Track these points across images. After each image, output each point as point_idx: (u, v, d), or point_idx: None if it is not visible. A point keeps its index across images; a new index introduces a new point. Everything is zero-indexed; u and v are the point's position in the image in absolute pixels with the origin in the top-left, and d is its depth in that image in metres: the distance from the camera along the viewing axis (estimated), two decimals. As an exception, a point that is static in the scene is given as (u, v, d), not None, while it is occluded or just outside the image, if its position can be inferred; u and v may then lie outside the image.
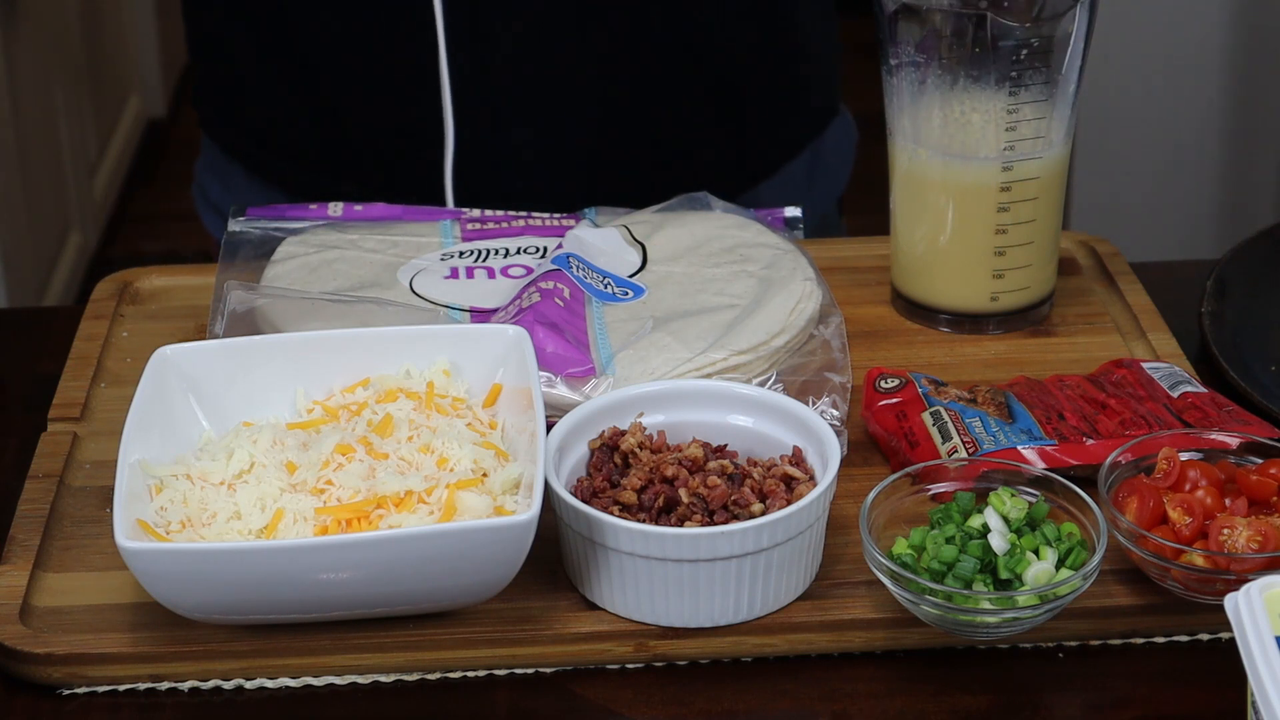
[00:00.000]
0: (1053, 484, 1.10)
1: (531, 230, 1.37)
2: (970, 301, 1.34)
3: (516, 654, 1.07)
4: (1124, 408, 1.20)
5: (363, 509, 1.07)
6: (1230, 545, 1.06)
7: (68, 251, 3.40)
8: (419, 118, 1.50)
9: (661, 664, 1.08)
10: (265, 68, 1.55)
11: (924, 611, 1.05)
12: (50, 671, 1.07)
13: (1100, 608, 1.09)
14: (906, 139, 1.31)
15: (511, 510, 1.07)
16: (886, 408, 1.22)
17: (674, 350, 1.23)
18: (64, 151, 3.39)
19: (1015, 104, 1.27)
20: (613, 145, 1.53)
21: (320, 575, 1.03)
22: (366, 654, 1.07)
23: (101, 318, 1.36)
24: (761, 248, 1.35)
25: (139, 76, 4.01)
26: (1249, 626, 0.93)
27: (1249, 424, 1.19)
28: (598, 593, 1.08)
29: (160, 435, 1.12)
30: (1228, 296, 1.36)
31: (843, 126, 1.66)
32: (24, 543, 1.14)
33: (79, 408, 1.26)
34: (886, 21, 1.28)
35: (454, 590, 1.06)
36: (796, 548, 1.07)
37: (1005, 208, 1.31)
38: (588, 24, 1.49)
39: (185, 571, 1.02)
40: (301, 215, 1.40)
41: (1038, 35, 1.26)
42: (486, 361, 1.18)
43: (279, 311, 1.27)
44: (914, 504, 1.12)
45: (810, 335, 1.28)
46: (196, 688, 1.07)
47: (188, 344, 1.17)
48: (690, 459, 1.11)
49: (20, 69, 3.11)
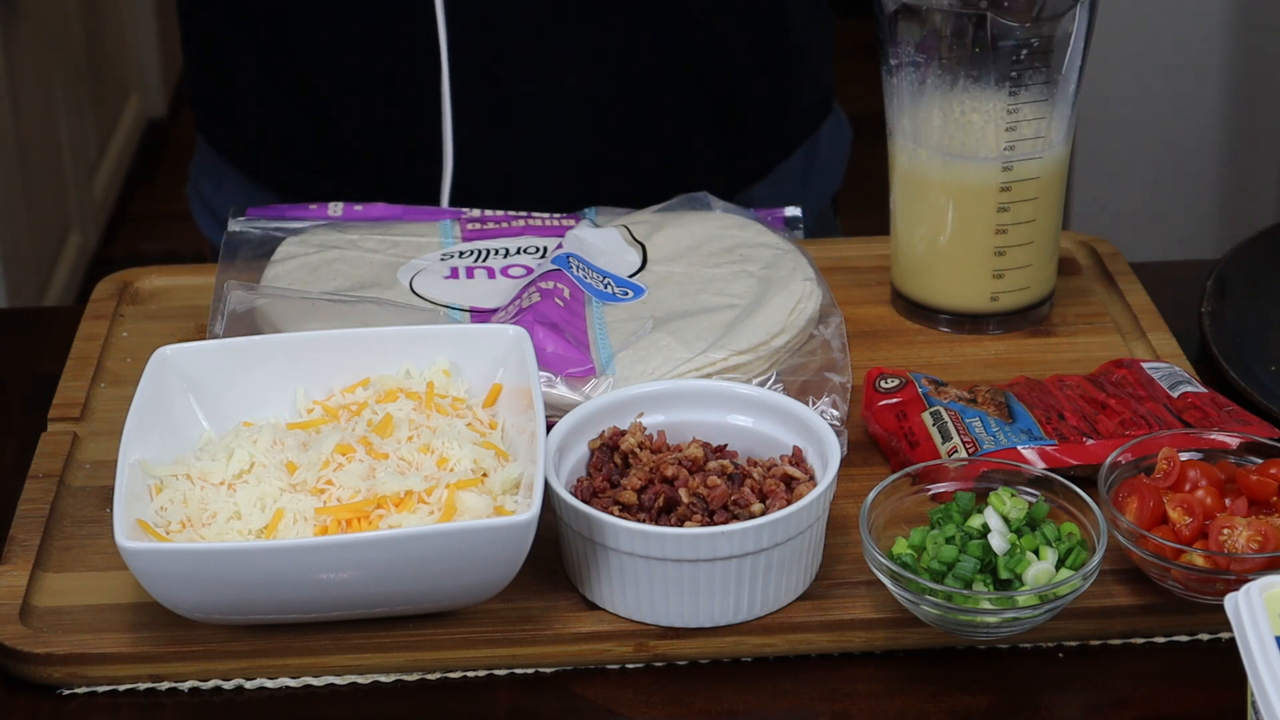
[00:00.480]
0: (1053, 484, 1.10)
1: (531, 230, 1.37)
2: (970, 301, 1.34)
3: (516, 654, 1.07)
4: (1124, 408, 1.20)
5: (363, 509, 1.07)
6: (1230, 545, 1.06)
7: (68, 251, 3.40)
8: (418, 119, 1.50)
9: (661, 664, 1.08)
10: (261, 70, 1.54)
11: (924, 611, 1.05)
12: (50, 671, 1.07)
13: (1100, 608, 1.09)
14: (906, 139, 1.31)
15: (511, 510, 1.07)
16: (886, 408, 1.22)
17: (674, 350, 1.23)
18: (64, 151, 3.39)
19: (1015, 104, 1.27)
20: (612, 145, 1.53)
21: (320, 575, 1.03)
22: (366, 654, 1.07)
23: (101, 318, 1.36)
24: (761, 248, 1.35)
25: (139, 76, 4.01)
26: (1249, 626, 0.93)
27: (1249, 424, 1.19)
28: (598, 593, 1.08)
29: (160, 435, 1.12)
30: (1228, 296, 1.36)
31: (837, 124, 1.67)
32: (24, 543, 1.14)
33: (79, 408, 1.26)
34: (886, 21, 1.28)
35: (454, 590, 1.06)
36: (796, 548, 1.07)
37: (1005, 208, 1.31)
38: (586, 24, 1.49)
39: (185, 571, 1.02)
40: (301, 215, 1.40)
41: (1038, 35, 1.26)
42: (486, 361, 1.18)
43: (279, 311, 1.27)
44: (914, 504, 1.12)
45: (810, 335, 1.28)
46: (196, 688, 1.07)
47: (188, 344, 1.17)
48: (690, 459, 1.11)
49: (20, 69, 3.11)
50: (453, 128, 1.49)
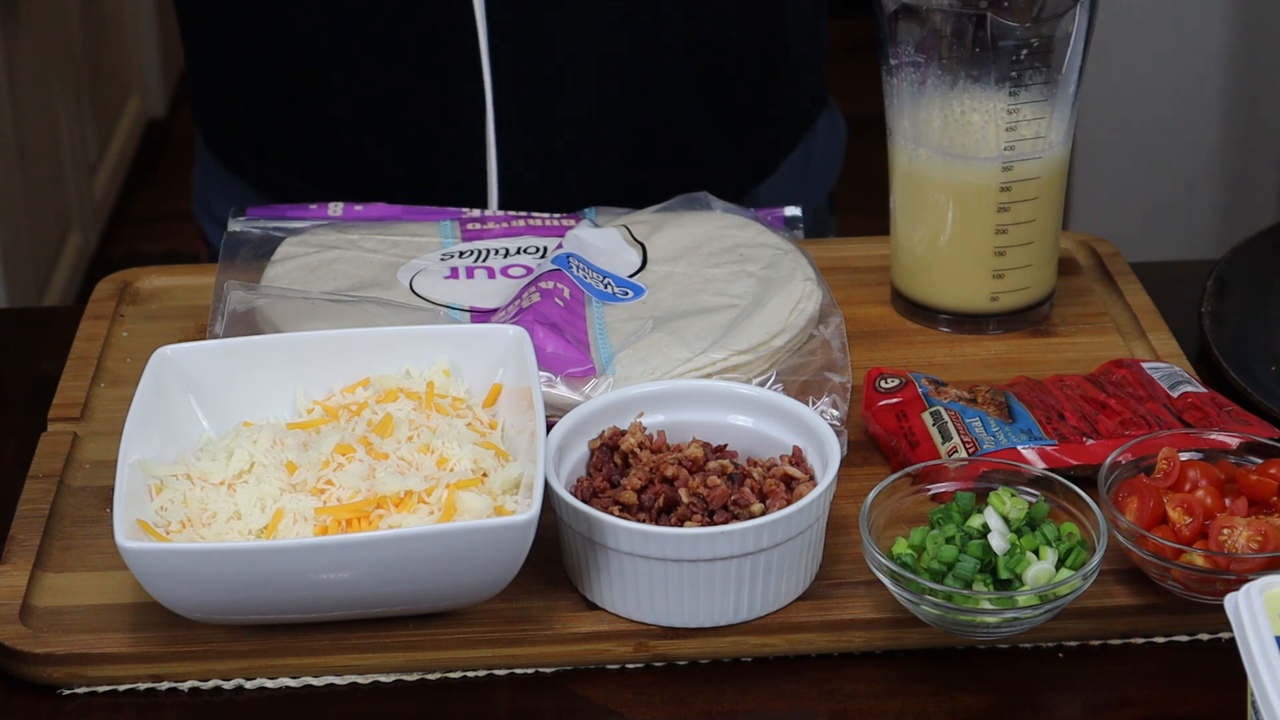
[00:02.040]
0: (1053, 484, 1.10)
1: (531, 230, 1.37)
2: (970, 301, 1.34)
3: (516, 654, 1.07)
4: (1124, 408, 1.20)
5: (363, 509, 1.07)
6: (1230, 545, 1.06)
7: (68, 251, 3.40)
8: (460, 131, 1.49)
9: (661, 664, 1.08)
10: (268, 87, 1.54)
11: (924, 611, 1.05)
12: (50, 671, 1.07)
13: (1100, 608, 1.09)
14: (906, 139, 1.31)
15: (511, 510, 1.07)
16: (886, 408, 1.22)
17: (674, 350, 1.23)
18: (64, 151, 3.39)
19: (1015, 104, 1.27)
20: (612, 145, 1.53)
21: (320, 575, 1.03)
22: (366, 654, 1.07)
23: (101, 318, 1.36)
24: (761, 248, 1.35)
25: (139, 76, 4.01)
26: (1249, 626, 0.93)
27: (1249, 424, 1.19)
28: (598, 593, 1.08)
29: (160, 435, 1.12)
30: (1228, 296, 1.36)
31: (831, 120, 1.67)
32: (24, 543, 1.14)
33: (79, 408, 1.26)
34: (886, 21, 1.28)
35: (454, 590, 1.06)
36: (796, 548, 1.07)
37: (1005, 208, 1.31)
38: (590, 26, 1.48)
39: (185, 571, 1.02)
40: (301, 215, 1.40)
41: (1037, 35, 1.26)
42: (486, 361, 1.18)
43: (279, 311, 1.27)
44: (914, 504, 1.12)
45: (810, 335, 1.28)
46: (196, 688, 1.07)
47: (188, 344, 1.17)
48: (690, 459, 1.11)
49: (20, 69, 3.11)
50: (496, 150, 1.48)
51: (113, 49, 3.78)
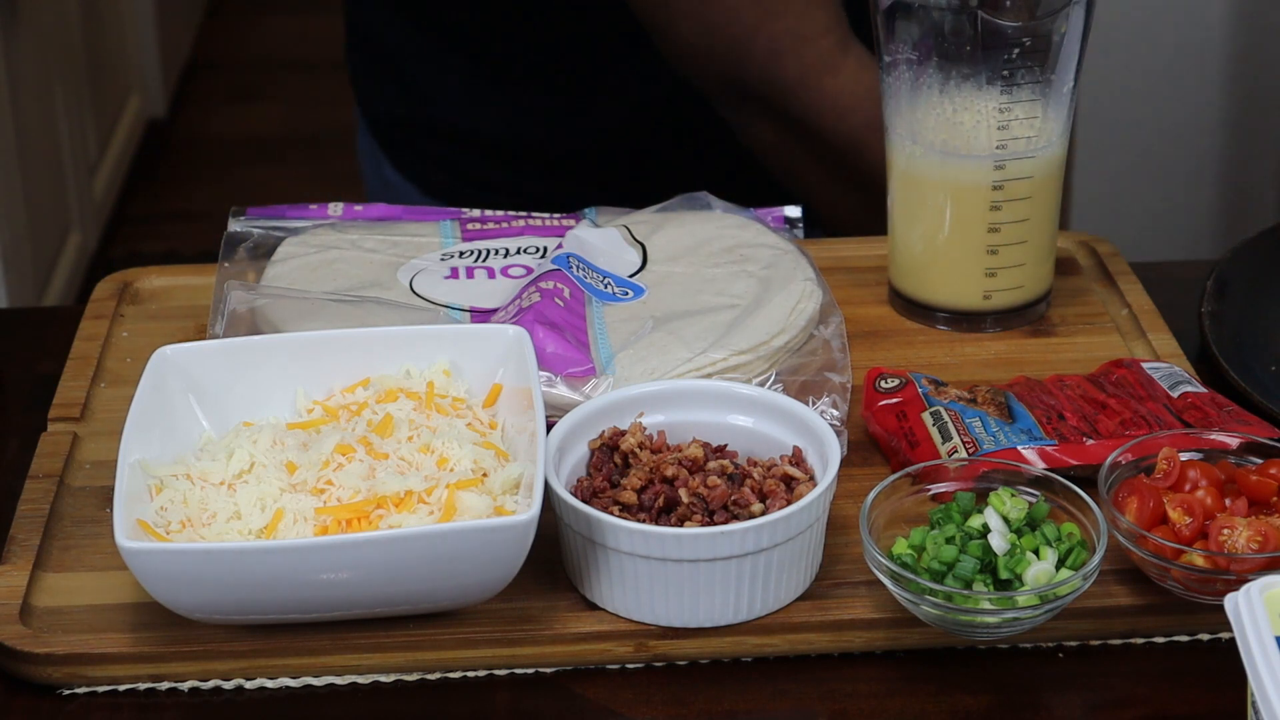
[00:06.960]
0: (1053, 484, 1.10)
1: (531, 230, 1.37)
2: (964, 299, 1.34)
3: (516, 654, 1.07)
4: (1124, 408, 1.20)
5: (363, 509, 1.07)
6: (1230, 545, 1.06)
7: (68, 251, 3.40)
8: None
9: (661, 664, 1.08)
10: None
11: (924, 611, 1.05)
12: (50, 671, 1.07)
13: (1100, 608, 1.09)
14: (902, 137, 1.31)
15: (511, 510, 1.07)
16: (886, 408, 1.22)
17: (674, 350, 1.23)
18: (64, 151, 3.39)
19: (1008, 103, 1.27)
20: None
21: (320, 575, 1.03)
22: (366, 654, 1.07)
23: (101, 318, 1.36)
24: (761, 248, 1.35)
25: (139, 76, 4.01)
26: (1249, 626, 0.93)
27: (1249, 424, 1.19)
28: (598, 593, 1.08)
29: (160, 435, 1.12)
30: (1228, 296, 1.36)
31: None
32: (24, 543, 1.14)
33: (79, 408, 1.26)
34: (881, 19, 1.28)
35: (454, 590, 1.06)
36: (796, 548, 1.07)
37: (998, 206, 1.31)
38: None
39: (185, 571, 1.03)
40: (301, 215, 1.40)
41: (1031, 34, 1.26)
42: (486, 361, 1.18)
43: (279, 311, 1.27)
44: (914, 504, 1.12)
45: (810, 335, 1.28)
46: (196, 688, 1.07)
47: (188, 344, 1.17)
48: (690, 459, 1.11)
49: (20, 69, 3.11)
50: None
51: (113, 49, 3.78)
